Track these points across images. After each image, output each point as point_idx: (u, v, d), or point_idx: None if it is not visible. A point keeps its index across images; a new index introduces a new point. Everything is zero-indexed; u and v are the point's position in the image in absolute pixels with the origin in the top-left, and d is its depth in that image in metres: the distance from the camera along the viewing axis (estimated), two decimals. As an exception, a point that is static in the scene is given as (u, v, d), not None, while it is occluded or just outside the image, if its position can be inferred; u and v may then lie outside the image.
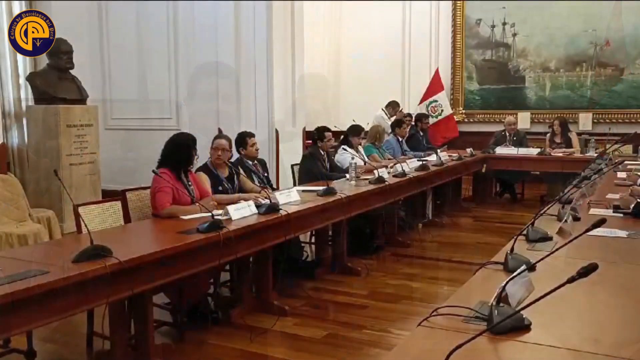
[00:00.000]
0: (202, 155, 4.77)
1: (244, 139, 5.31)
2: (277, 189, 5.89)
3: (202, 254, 3.52)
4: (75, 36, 7.44)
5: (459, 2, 10.73)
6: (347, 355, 3.65)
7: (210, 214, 3.69)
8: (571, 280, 1.63)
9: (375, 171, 5.87)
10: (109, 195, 5.50)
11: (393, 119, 9.09)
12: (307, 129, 8.24)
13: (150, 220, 4.16)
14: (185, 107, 8.36)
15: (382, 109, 9.58)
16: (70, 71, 7.23)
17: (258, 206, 4.16)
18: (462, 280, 2.67)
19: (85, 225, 3.21)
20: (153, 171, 4.10)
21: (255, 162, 5.41)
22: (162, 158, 4.33)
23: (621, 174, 5.93)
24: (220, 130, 6.95)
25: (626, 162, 6.93)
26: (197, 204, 4.04)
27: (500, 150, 8.65)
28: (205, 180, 4.65)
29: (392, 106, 9.49)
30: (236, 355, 3.72)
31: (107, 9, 8.79)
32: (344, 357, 3.62)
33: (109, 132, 8.82)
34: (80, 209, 3.74)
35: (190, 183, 4.35)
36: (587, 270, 1.62)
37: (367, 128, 7.63)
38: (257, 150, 5.37)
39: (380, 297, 4.73)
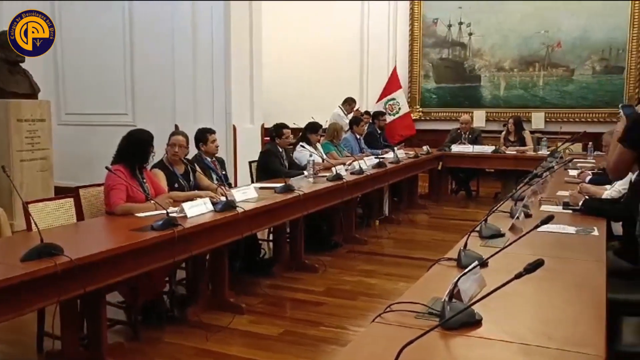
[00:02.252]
0: (159, 151, 4.70)
1: (204, 134, 5.25)
2: (235, 186, 5.86)
3: (157, 252, 3.47)
4: (27, 28, 7.24)
5: (416, 1, 10.86)
6: (303, 352, 3.65)
7: (165, 211, 3.65)
8: (518, 276, 1.67)
9: (333, 168, 5.90)
10: (62, 192, 5.36)
11: (351, 115, 9.14)
12: (265, 126, 8.21)
13: (103, 217, 4.08)
14: (142, 102, 8.26)
15: (339, 107, 9.62)
16: (21, 65, 7.04)
17: (214, 203, 4.11)
18: (417, 277, 2.70)
19: (35, 223, 3.13)
20: (106, 168, 4.02)
21: (214, 159, 5.36)
22: (117, 154, 4.25)
23: (572, 172, 6.10)
24: (177, 127, 6.88)
25: (575, 160, 7.12)
26: (152, 201, 3.98)
27: (455, 148, 8.79)
28: (161, 178, 4.59)
29: (349, 103, 9.53)
30: (192, 354, 3.68)
31: (60, 3, 8.59)
32: (300, 354, 3.62)
33: (62, 128, 8.63)
34: (31, 207, 3.64)
35: (145, 180, 4.28)
36: (534, 266, 1.66)
37: (325, 126, 7.65)
38: (217, 147, 5.33)
39: (337, 294, 4.76)
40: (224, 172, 5.46)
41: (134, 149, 4.19)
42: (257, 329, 4.04)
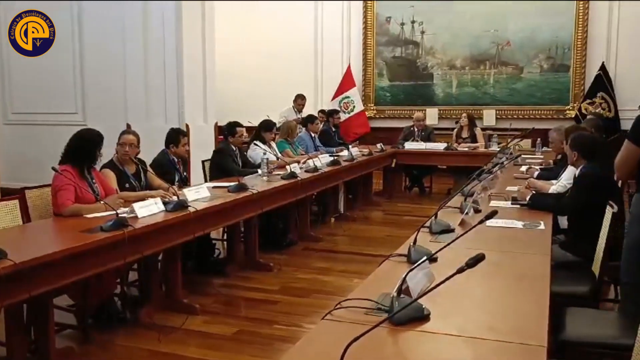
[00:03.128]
0: (110, 151, 4.63)
1: (177, 136, 5.24)
2: (189, 185, 5.80)
3: (106, 253, 3.41)
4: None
5: (369, 0, 10.93)
6: (257, 351, 3.65)
7: (114, 212, 3.58)
8: (460, 270, 1.71)
9: (287, 167, 5.90)
10: (8, 194, 5.24)
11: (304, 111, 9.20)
12: (219, 125, 8.15)
13: (51, 219, 3.99)
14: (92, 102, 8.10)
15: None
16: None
17: (165, 203, 4.06)
18: (371, 273, 2.73)
19: (-23, 226, 3.04)
20: (53, 168, 3.93)
21: (180, 159, 5.31)
22: (64, 154, 4.14)
23: (523, 168, 6.25)
24: (128, 126, 6.77)
25: (523, 155, 7.30)
26: (102, 202, 3.90)
27: (409, 146, 8.88)
28: (111, 178, 4.50)
29: (300, 98, 9.52)
30: (144, 356, 3.63)
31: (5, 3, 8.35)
32: (254, 353, 3.62)
33: (8, 127, 8.39)
34: (-27, 209, 3.53)
35: (94, 180, 4.20)
36: (475, 261, 1.70)
37: (278, 123, 7.65)
38: (187, 150, 5.31)
39: (291, 292, 4.76)
40: (185, 174, 5.41)
41: (81, 148, 4.10)
42: (211, 329, 4.01)
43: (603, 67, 9.61)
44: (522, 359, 1.81)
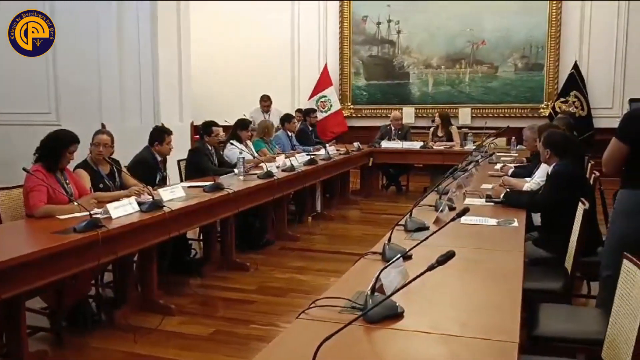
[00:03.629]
0: (84, 151, 4.57)
1: (162, 135, 5.19)
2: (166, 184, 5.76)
3: (80, 254, 3.37)
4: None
5: (345, 0, 10.94)
6: (233, 351, 3.64)
7: (88, 212, 3.54)
8: (431, 268, 1.72)
9: (263, 165, 5.88)
10: (-22, 195, 5.13)
11: (272, 114, 9.19)
12: (195, 124, 8.10)
13: (23, 220, 3.93)
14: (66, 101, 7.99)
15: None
16: None
17: (140, 204, 4.02)
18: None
19: (-54, 228, 2.98)
20: (24, 169, 3.86)
21: (162, 159, 5.27)
22: (37, 155, 4.09)
23: (497, 166, 6.31)
24: (103, 126, 6.70)
25: (498, 153, 7.37)
26: (75, 202, 3.85)
27: (385, 144, 8.92)
28: (84, 178, 4.45)
29: (264, 100, 9.51)
30: (119, 358, 3.60)
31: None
32: (230, 353, 3.60)
33: (-20, 127, 8.23)
34: (-58, 211, 3.46)
35: (67, 181, 4.14)
36: (445, 258, 1.71)
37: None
38: (170, 149, 5.26)
39: (268, 292, 4.75)
40: (165, 173, 5.37)
41: (53, 149, 4.04)
42: (187, 329, 3.99)
43: (576, 66, 9.75)
44: (494, 355, 1.82)
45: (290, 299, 4.55)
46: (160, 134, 5.19)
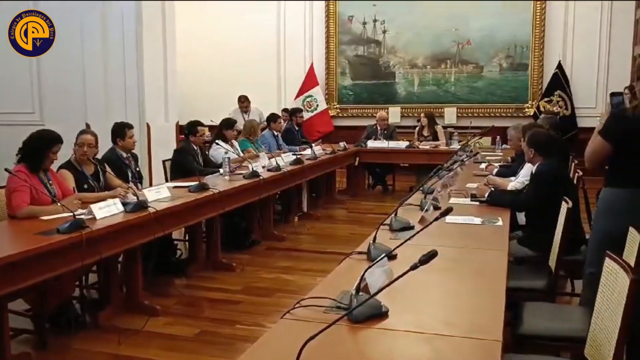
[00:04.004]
0: (68, 151, 4.54)
1: (122, 129, 5.12)
2: (150, 185, 5.73)
3: (63, 256, 3.34)
4: None
5: (331, 0, 10.95)
6: (218, 351, 3.62)
7: (71, 213, 3.51)
8: (414, 267, 1.72)
9: (249, 165, 5.87)
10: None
11: (251, 114, 9.17)
12: (181, 124, 8.06)
13: (6, 222, 3.89)
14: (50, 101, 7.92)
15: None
16: None
17: (125, 204, 4.00)
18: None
19: None
20: (6, 170, 3.82)
21: (129, 155, 5.22)
22: (20, 155, 4.05)
23: (482, 165, 6.35)
24: (87, 125, 6.65)
25: (483, 153, 7.42)
26: (58, 203, 3.82)
27: (371, 144, 8.94)
28: (68, 178, 4.41)
29: (241, 101, 9.48)
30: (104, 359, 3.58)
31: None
32: (215, 354, 3.59)
33: (-40, 127, 8.12)
34: None
35: (51, 182, 4.11)
36: (428, 257, 1.72)
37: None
38: (134, 142, 5.21)
39: (254, 292, 4.74)
40: (137, 169, 5.33)
41: (36, 149, 4.01)
42: (173, 330, 3.97)
43: (560, 66, 9.83)
44: (478, 354, 1.83)
45: (276, 299, 4.54)
46: (120, 130, 5.13)
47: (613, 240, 2.79)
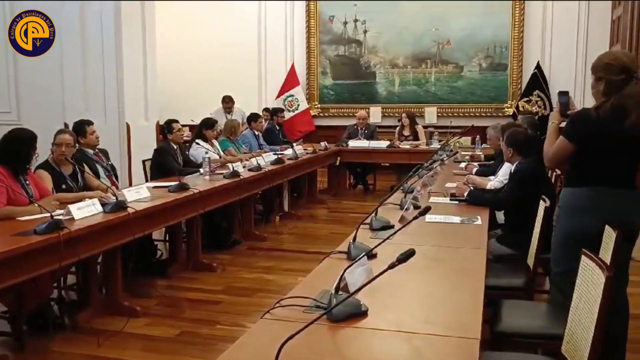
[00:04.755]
0: (46, 151, 4.49)
1: (82, 127, 5.07)
2: (130, 185, 5.69)
3: (41, 257, 3.30)
4: None
5: (312, 0, 10.96)
6: (198, 352, 3.61)
7: (49, 214, 3.47)
8: (392, 266, 1.73)
9: (229, 165, 5.85)
10: None
11: (234, 114, 9.15)
12: (161, 124, 8.01)
13: (-18, 223, 3.83)
14: (27, 100, 7.82)
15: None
16: None
17: (104, 204, 3.96)
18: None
19: None
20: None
21: (97, 151, 5.18)
22: None
23: (462, 164, 6.39)
24: (66, 125, 6.57)
25: (463, 152, 7.47)
26: (36, 204, 3.77)
27: (352, 144, 8.97)
28: (46, 179, 4.36)
29: (225, 101, 9.45)
30: (82, 361, 3.54)
31: None
32: (195, 355, 3.58)
33: None
34: None
35: (28, 182, 4.06)
36: (406, 256, 1.73)
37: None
38: (97, 138, 5.15)
39: (235, 292, 4.73)
40: (110, 162, 5.29)
41: (12, 149, 3.96)
42: (153, 331, 3.95)
43: (538, 66, 9.93)
44: (456, 352, 1.84)
45: (257, 299, 4.53)
46: (79, 128, 5.08)
47: (577, 239, 2.83)
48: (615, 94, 2.89)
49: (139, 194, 4.46)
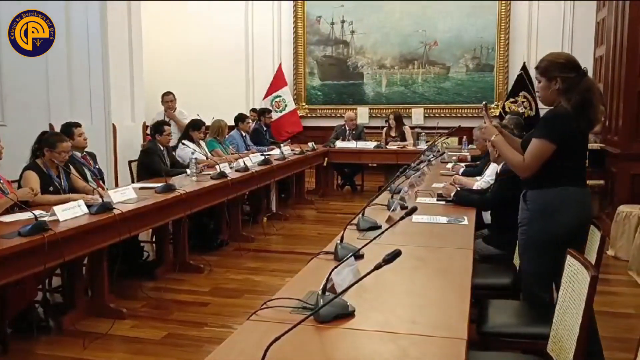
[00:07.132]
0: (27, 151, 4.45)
1: (70, 129, 5.02)
2: (116, 186, 5.65)
3: (25, 259, 3.27)
4: None
5: (299, 0, 10.95)
6: (185, 354, 3.59)
7: (28, 210, 3.43)
8: (378, 266, 1.73)
9: (217, 166, 5.83)
10: None
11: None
12: (147, 124, 7.97)
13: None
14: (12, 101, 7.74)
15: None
16: None
17: (89, 206, 3.93)
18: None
19: None
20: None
21: (85, 153, 5.14)
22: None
23: (449, 165, 6.41)
24: (51, 126, 6.52)
25: (449, 153, 7.49)
26: (7, 196, 3.75)
27: (340, 144, 8.98)
28: (33, 180, 4.31)
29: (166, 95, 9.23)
30: (67, 364, 3.51)
31: None
32: (182, 357, 3.56)
33: None
34: None
35: (1, 181, 4.05)
36: (392, 257, 1.72)
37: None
38: (85, 140, 5.10)
39: (222, 293, 4.72)
40: (97, 166, 5.25)
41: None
42: (139, 333, 3.93)
43: (524, 67, 9.96)
44: (443, 352, 1.84)
45: (245, 300, 4.52)
46: (67, 130, 5.03)
47: (552, 240, 2.85)
48: (575, 90, 2.90)
49: (125, 195, 4.43)
